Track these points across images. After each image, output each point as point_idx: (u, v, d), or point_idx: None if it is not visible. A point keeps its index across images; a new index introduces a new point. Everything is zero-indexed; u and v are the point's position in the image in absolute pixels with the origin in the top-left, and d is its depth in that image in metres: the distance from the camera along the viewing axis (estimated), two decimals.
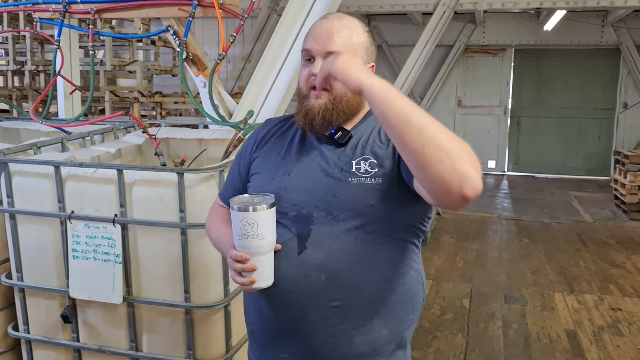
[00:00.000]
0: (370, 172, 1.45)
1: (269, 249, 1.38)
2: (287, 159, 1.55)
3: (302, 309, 1.44)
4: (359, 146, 1.50)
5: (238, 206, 1.33)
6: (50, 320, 2.08)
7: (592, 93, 10.70)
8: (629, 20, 9.89)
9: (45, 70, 5.75)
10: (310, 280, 1.42)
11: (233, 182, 1.66)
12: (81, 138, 2.56)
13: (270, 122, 1.70)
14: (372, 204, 1.42)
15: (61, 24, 2.70)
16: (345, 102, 1.49)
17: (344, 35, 1.49)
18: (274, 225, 1.39)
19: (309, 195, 1.47)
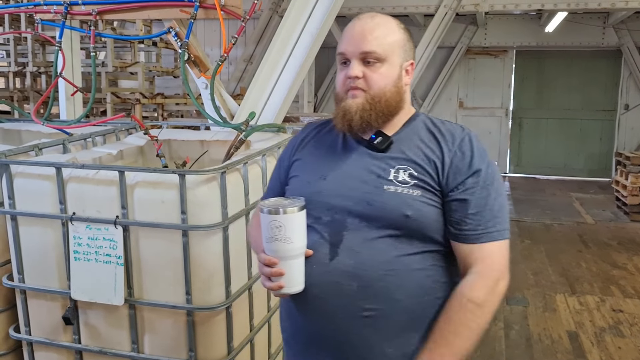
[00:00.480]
0: (408, 183, 1.41)
1: (298, 253, 1.34)
2: (324, 162, 1.52)
3: (332, 317, 1.39)
4: (400, 154, 1.45)
5: (267, 209, 1.30)
6: (52, 322, 2.08)
7: (593, 95, 10.69)
8: (630, 22, 9.88)
9: (47, 71, 5.75)
10: (341, 288, 1.37)
11: (274, 187, 1.64)
12: (83, 139, 2.56)
13: (310, 125, 1.67)
14: (408, 215, 1.38)
15: (62, 25, 2.70)
16: (384, 101, 1.45)
17: (378, 34, 1.45)
18: (304, 229, 1.35)
19: (343, 200, 1.43)
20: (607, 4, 7.19)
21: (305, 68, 2.68)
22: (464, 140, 1.45)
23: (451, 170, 1.42)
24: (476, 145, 1.46)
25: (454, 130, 1.49)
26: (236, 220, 1.97)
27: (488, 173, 1.43)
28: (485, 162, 1.45)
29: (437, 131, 1.48)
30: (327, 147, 1.55)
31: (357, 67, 1.44)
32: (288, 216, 1.30)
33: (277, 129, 2.62)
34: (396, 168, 1.43)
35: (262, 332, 2.27)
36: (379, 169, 1.44)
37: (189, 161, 2.49)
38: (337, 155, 1.52)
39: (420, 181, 1.40)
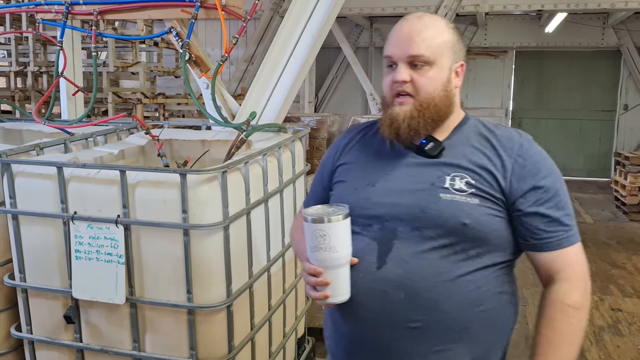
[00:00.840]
0: (465, 191, 1.35)
1: (343, 262, 1.32)
2: (372, 168, 1.46)
3: (377, 326, 1.36)
4: (454, 161, 1.40)
5: (312, 218, 1.28)
6: (53, 320, 2.09)
7: (593, 95, 10.71)
8: (630, 23, 9.89)
9: (48, 71, 5.76)
10: (388, 298, 1.34)
11: (316, 192, 1.61)
12: (84, 139, 2.57)
13: (355, 128, 1.61)
14: (466, 223, 1.33)
15: (64, 25, 2.71)
16: (433, 107, 1.39)
17: (426, 36, 1.39)
18: (349, 237, 1.32)
19: (394, 208, 1.38)
20: (607, 4, 7.19)
21: (306, 68, 2.69)
22: (523, 146, 1.41)
23: (514, 178, 1.37)
24: (536, 150, 1.42)
25: (511, 135, 1.43)
26: (237, 220, 1.97)
27: (554, 177, 1.40)
28: (549, 166, 1.41)
29: (492, 136, 1.43)
30: (374, 152, 1.50)
31: (404, 71, 1.39)
32: (332, 225, 1.28)
33: (278, 128, 2.63)
34: (452, 176, 1.37)
35: (262, 330, 2.27)
36: (433, 176, 1.38)
37: (190, 161, 2.50)
38: (385, 161, 1.46)
39: (478, 189, 1.35)
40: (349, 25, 10.86)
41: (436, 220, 1.34)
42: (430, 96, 1.39)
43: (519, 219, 1.38)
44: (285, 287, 2.51)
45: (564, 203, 1.39)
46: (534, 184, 1.37)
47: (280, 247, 2.42)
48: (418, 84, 1.39)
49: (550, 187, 1.38)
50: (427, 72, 1.39)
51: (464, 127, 1.47)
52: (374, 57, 11.47)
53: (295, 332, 2.74)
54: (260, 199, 2.17)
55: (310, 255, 1.32)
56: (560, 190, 1.40)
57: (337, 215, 1.29)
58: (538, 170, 1.39)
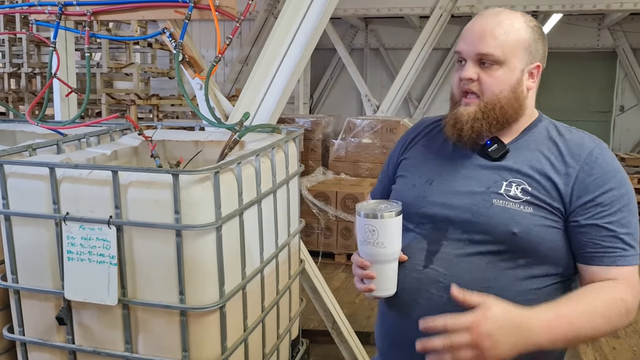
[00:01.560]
0: (520, 199, 1.30)
1: (391, 258, 1.33)
2: (432, 165, 1.45)
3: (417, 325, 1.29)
4: (514, 166, 1.35)
5: (364, 212, 1.30)
6: (46, 322, 2.08)
7: (589, 96, 10.74)
8: (625, 24, 9.92)
9: (42, 72, 5.75)
10: (431, 297, 1.33)
11: (382, 181, 1.63)
12: (77, 140, 2.56)
13: (423, 122, 1.60)
14: (515, 232, 1.28)
15: (57, 26, 2.70)
16: (499, 108, 1.35)
17: (499, 34, 1.33)
18: (399, 234, 1.32)
19: (447, 209, 1.36)
20: (602, 5, 7.22)
21: (299, 69, 2.68)
22: (592, 153, 1.33)
23: (576, 187, 1.30)
24: (607, 159, 1.33)
25: (582, 140, 1.36)
26: (230, 221, 1.97)
27: (622, 190, 1.30)
28: (618, 179, 1.31)
29: (561, 141, 1.37)
30: (437, 149, 1.48)
31: (472, 69, 1.35)
32: (383, 221, 1.29)
33: (271, 129, 2.62)
34: (509, 181, 1.33)
35: (256, 332, 2.27)
36: (490, 180, 1.35)
37: (182, 161, 2.49)
38: (446, 159, 1.44)
39: (533, 197, 1.30)
40: (343, 26, 10.87)
41: (485, 226, 1.31)
42: (496, 97, 1.35)
43: (575, 229, 1.30)
44: (279, 289, 2.50)
45: (628, 221, 1.30)
46: (598, 195, 1.29)
47: (274, 248, 2.41)
48: (484, 83, 1.35)
49: (615, 200, 1.29)
50: (496, 71, 1.35)
51: (534, 130, 1.41)
52: (369, 58, 11.48)
53: (289, 333, 2.73)
54: (253, 199, 2.16)
55: (360, 248, 1.33)
56: (627, 207, 1.30)
57: (389, 212, 1.29)
58: (605, 181, 1.30)
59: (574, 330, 1.17)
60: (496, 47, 1.33)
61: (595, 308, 1.21)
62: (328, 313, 3.15)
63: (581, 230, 1.30)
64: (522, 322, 1.13)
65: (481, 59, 1.35)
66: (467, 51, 1.36)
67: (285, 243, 2.54)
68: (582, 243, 1.30)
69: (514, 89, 1.36)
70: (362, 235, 1.31)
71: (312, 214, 5.87)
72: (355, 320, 4.35)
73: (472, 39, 1.36)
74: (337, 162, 6.81)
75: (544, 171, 1.33)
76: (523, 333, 1.13)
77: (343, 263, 5.90)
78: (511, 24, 1.36)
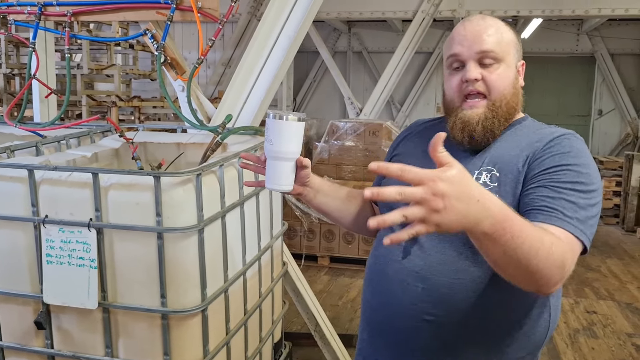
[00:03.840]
0: (488, 185, 1.30)
1: (279, 156, 1.39)
2: (419, 161, 1.33)
3: (397, 314, 1.38)
4: (491, 155, 1.37)
5: (270, 114, 1.40)
6: (23, 326, 2.04)
7: (568, 100, 10.89)
8: (604, 29, 10.08)
9: (21, 73, 5.67)
10: (407, 287, 1.35)
11: (377, 178, 1.66)
12: (56, 142, 2.53)
13: (417, 122, 1.66)
14: None
15: (36, 26, 2.66)
16: (505, 105, 1.37)
17: (493, 32, 1.37)
18: (289, 137, 1.37)
19: None
20: (581, 11, 7.33)
21: (282, 71, 2.68)
22: (559, 138, 1.32)
23: (534, 163, 1.29)
24: (573, 144, 1.31)
25: (556, 129, 1.38)
26: (212, 223, 1.95)
27: (580, 171, 1.25)
28: (579, 161, 1.27)
29: (537, 132, 1.38)
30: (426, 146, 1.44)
31: (475, 69, 1.35)
32: (274, 121, 1.37)
33: (254, 131, 2.61)
34: (480, 170, 1.34)
35: (238, 335, 2.25)
36: None
37: (164, 163, 2.47)
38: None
39: (501, 183, 1.30)
40: (327, 29, 10.89)
41: None
42: (502, 94, 1.37)
43: (523, 194, 1.26)
44: (262, 291, 2.50)
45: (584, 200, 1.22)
46: (553, 165, 1.26)
47: (257, 250, 2.40)
48: (489, 82, 1.36)
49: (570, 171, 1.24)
50: (497, 69, 1.36)
51: (518, 126, 1.43)
52: (352, 62, 11.51)
53: (271, 336, 2.72)
54: (236, 202, 2.15)
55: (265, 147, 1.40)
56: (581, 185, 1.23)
57: (282, 116, 1.37)
58: (564, 157, 1.27)
59: (515, 240, 1.04)
60: (494, 45, 1.36)
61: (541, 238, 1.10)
62: (311, 316, 3.15)
63: (526, 193, 1.26)
64: (480, 196, 1.00)
65: (482, 57, 1.36)
66: (467, 52, 1.36)
67: (268, 246, 2.53)
68: (523, 204, 1.25)
69: (514, 85, 1.40)
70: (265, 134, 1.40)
71: (295, 217, 5.87)
72: (338, 323, 4.35)
73: (468, 40, 1.37)
74: (320, 165, 6.81)
75: (516, 155, 1.33)
76: (476, 207, 0.99)
77: (326, 266, 5.90)
78: (499, 25, 1.41)
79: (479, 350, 1.35)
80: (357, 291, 5.23)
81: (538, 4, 7.41)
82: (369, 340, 1.50)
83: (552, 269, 1.10)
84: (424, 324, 1.34)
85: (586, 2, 7.24)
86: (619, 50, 10.23)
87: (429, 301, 1.33)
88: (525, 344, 1.38)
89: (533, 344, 1.39)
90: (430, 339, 1.35)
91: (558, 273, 1.12)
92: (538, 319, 1.38)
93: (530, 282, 1.13)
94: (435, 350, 1.36)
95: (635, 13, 7.18)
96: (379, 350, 1.46)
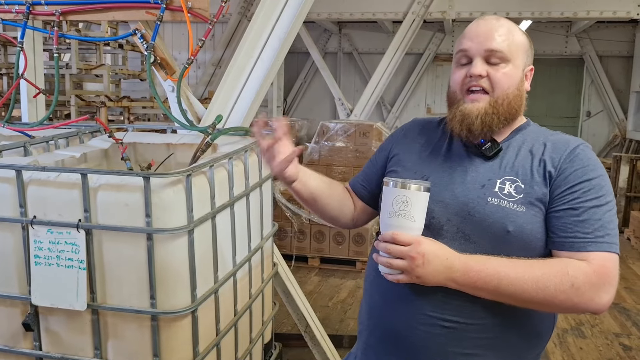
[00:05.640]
0: (514, 197, 1.32)
1: (417, 234, 1.29)
2: (427, 162, 1.47)
3: (412, 320, 1.37)
4: (508, 164, 1.38)
5: (395, 182, 1.27)
6: (11, 328, 2.02)
7: (556, 101, 10.96)
8: (592, 32, 10.16)
9: (8, 73, 5.63)
10: (426, 294, 1.34)
11: (366, 171, 1.66)
12: (45, 142, 2.51)
13: (416, 121, 1.64)
14: (509, 230, 1.30)
15: (24, 25, 2.64)
16: (507, 104, 1.40)
17: (504, 33, 1.39)
18: (425, 212, 1.29)
19: (443, 206, 1.37)
20: (570, 13, 7.38)
21: (273, 72, 2.67)
22: (575, 150, 1.37)
23: (558, 179, 1.33)
24: (588, 155, 1.38)
25: (567, 140, 1.42)
26: (202, 224, 1.95)
27: (600, 184, 1.33)
28: (597, 173, 1.34)
29: (549, 140, 1.42)
30: (432, 148, 1.50)
31: (481, 66, 1.38)
32: (416, 193, 1.27)
33: (244, 132, 2.61)
34: (502, 179, 1.35)
35: (228, 336, 2.25)
36: (484, 179, 1.37)
37: (154, 164, 2.46)
38: (440, 157, 1.46)
39: (526, 195, 1.32)
40: (317, 30, 10.90)
41: (481, 224, 1.33)
42: (505, 93, 1.39)
43: (551, 216, 1.33)
44: (252, 292, 2.49)
45: (603, 212, 1.31)
46: (575, 183, 1.32)
47: (247, 251, 2.40)
48: (494, 79, 1.38)
49: (591, 191, 1.32)
50: (503, 68, 1.39)
51: (524, 132, 1.46)
52: (343, 62, 11.52)
53: (262, 337, 2.72)
54: (226, 202, 2.14)
55: (386, 223, 1.30)
56: (602, 198, 1.32)
57: (421, 185, 1.28)
58: (585, 172, 1.33)
59: (494, 282, 1.24)
60: (504, 45, 1.38)
61: (532, 273, 1.24)
62: (301, 316, 3.15)
63: (556, 215, 1.32)
64: (448, 257, 1.26)
65: (490, 55, 1.38)
66: (476, 48, 1.39)
67: (258, 246, 2.53)
68: (555, 228, 1.31)
69: (519, 86, 1.43)
70: (391, 207, 1.27)
71: (286, 218, 5.86)
72: (328, 324, 4.35)
73: (479, 37, 1.39)
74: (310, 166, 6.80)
75: (535, 170, 1.36)
76: (445, 264, 1.25)
77: (316, 266, 5.90)
78: (512, 27, 1.43)
79: (497, 354, 1.37)
80: (347, 292, 5.23)
81: (527, 5, 7.45)
82: (378, 347, 1.47)
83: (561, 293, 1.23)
84: (442, 329, 1.35)
85: (575, 5, 7.30)
86: (607, 53, 10.32)
87: (448, 309, 1.34)
88: (537, 344, 1.43)
89: (543, 343, 1.45)
90: (447, 345, 1.36)
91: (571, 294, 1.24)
92: (545, 320, 1.43)
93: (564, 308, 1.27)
94: (453, 356, 1.36)
95: (623, 15, 7.24)
96: (392, 357, 1.44)
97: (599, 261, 1.27)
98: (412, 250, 1.24)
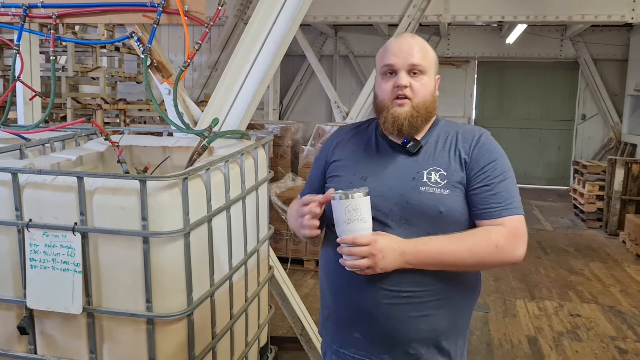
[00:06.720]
0: (440, 183, 1.63)
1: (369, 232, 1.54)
2: (363, 164, 1.74)
3: (376, 296, 1.63)
4: (430, 157, 1.68)
5: (343, 195, 1.51)
6: (6, 331, 2.02)
7: (552, 105, 11.00)
8: (587, 35, 10.21)
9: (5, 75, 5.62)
10: (384, 274, 1.57)
11: (311, 184, 1.87)
12: (41, 145, 2.51)
13: (344, 129, 1.89)
14: (442, 211, 1.61)
15: (21, 28, 2.64)
16: (425, 108, 1.69)
17: (421, 49, 1.69)
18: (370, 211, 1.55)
19: (384, 200, 1.64)
20: (565, 17, 7.41)
21: (269, 75, 2.68)
22: (481, 137, 1.70)
23: (472, 163, 1.65)
24: (491, 140, 1.71)
25: (472, 130, 1.74)
26: (198, 227, 1.95)
27: (502, 162, 1.67)
28: (499, 154, 1.68)
29: (458, 133, 1.72)
30: (363, 150, 1.77)
31: (406, 78, 1.66)
32: (362, 199, 1.51)
33: (240, 135, 2.61)
34: (428, 170, 1.65)
35: (224, 339, 2.25)
36: (413, 172, 1.66)
37: (150, 167, 2.46)
38: (373, 158, 1.74)
39: (449, 181, 1.63)
40: (313, 33, 10.90)
41: (418, 209, 1.62)
42: (424, 99, 1.69)
43: (471, 193, 1.65)
44: (248, 295, 2.49)
45: (509, 183, 1.65)
46: (486, 164, 1.65)
47: (243, 254, 2.40)
48: (415, 88, 1.68)
49: (498, 169, 1.65)
50: (422, 79, 1.69)
51: (437, 127, 1.76)
52: (339, 65, 11.54)
53: (258, 340, 2.71)
54: (222, 206, 2.15)
55: (343, 229, 1.54)
56: (507, 174, 1.66)
57: (361, 191, 1.52)
58: (490, 155, 1.67)
59: (438, 257, 1.56)
60: (423, 60, 1.68)
61: (465, 243, 1.57)
62: (297, 320, 3.15)
63: (474, 192, 1.64)
64: (400, 246, 1.55)
65: (412, 69, 1.67)
66: (400, 63, 1.67)
67: (254, 249, 2.53)
68: (475, 202, 1.64)
69: (432, 93, 1.73)
70: (345, 216, 1.52)
71: (282, 220, 5.86)
72: None
73: (402, 53, 1.68)
74: (306, 168, 6.81)
75: (452, 158, 1.67)
76: (399, 252, 1.55)
77: (312, 269, 5.90)
78: (425, 44, 1.72)
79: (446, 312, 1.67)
80: None
81: (522, 9, 7.48)
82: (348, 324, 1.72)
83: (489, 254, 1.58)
84: (403, 299, 1.62)
85: (570, 8, 7.33)
86: (602, 56, 10.37)
87: (404, 282, 1.61)
88: (471, 300, 1.77)
89: (476, 295, 1.79)
90: (408, 311, 1.63)
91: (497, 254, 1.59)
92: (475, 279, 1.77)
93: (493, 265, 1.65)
94: (414, 320, 1.64)
95: (618, 19, 7.28)
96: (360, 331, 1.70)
97: (512, 223, 1.62)
98: (372, 249, 1.51)
